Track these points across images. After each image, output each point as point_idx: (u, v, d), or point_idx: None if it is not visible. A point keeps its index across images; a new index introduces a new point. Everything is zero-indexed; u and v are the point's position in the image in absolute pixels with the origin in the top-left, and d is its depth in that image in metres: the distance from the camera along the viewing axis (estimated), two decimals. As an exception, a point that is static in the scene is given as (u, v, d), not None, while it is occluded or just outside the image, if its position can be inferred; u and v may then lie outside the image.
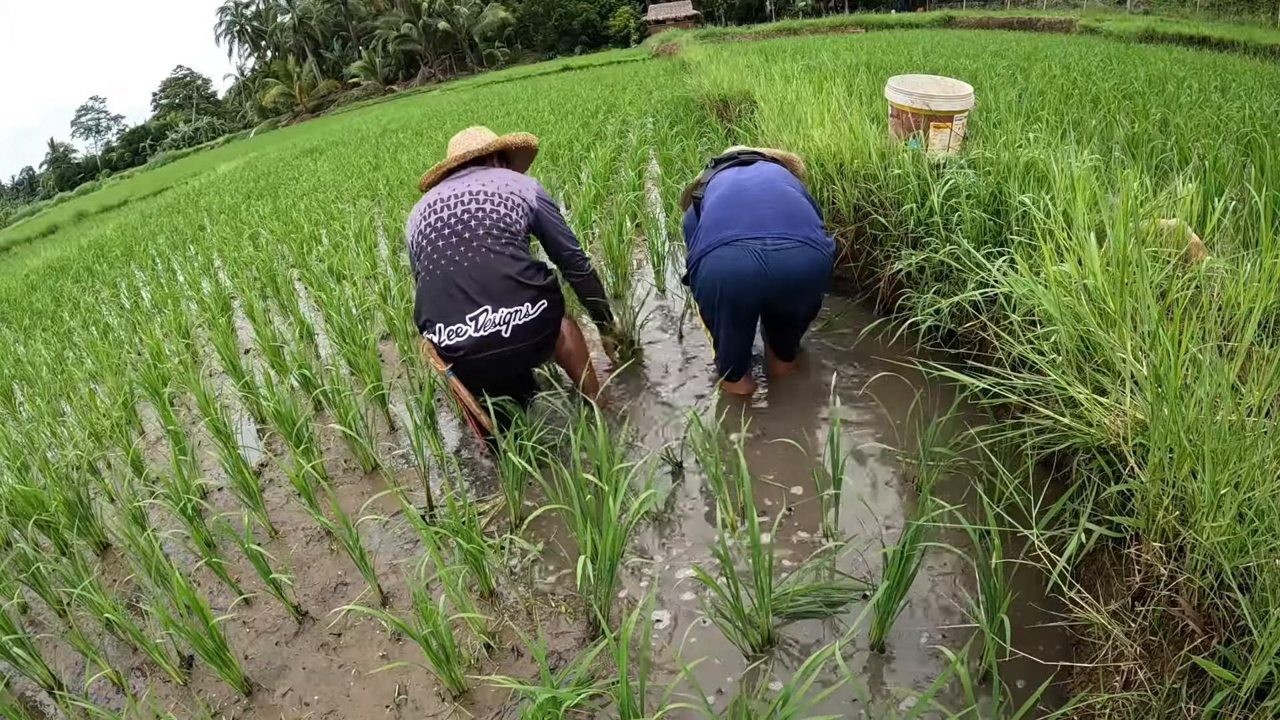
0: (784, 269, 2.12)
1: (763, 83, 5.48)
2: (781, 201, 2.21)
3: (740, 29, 27.79)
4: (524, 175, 2.40)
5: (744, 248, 2.12)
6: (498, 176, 2.30)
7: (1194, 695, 1.01)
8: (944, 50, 10.22)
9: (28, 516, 2.23)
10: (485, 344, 2.08)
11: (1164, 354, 1.25)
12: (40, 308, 6.40)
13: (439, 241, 2.18)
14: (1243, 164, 2.45)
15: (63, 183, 62.80)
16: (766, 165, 2.45)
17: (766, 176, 2.33)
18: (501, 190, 2.25)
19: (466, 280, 2.11)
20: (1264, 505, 1.01)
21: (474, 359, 2.09)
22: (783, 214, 2.17)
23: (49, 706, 1.78)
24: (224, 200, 10.35)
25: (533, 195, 2.29)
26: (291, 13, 56.45)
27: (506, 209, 2.21)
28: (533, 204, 2.28)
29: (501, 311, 2.08)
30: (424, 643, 1.44)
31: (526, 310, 2.11)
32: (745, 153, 2.56)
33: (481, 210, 2.19)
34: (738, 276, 2.15)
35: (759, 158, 2.54)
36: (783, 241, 2.11)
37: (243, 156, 22.87)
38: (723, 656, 1.51)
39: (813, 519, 1.87)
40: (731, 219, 2.19)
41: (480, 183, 2.26)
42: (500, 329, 2.08)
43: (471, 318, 2.08)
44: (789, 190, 2.28)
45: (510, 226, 2.19)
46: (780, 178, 2.35)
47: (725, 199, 2.27)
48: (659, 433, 2.39)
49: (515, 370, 2.22)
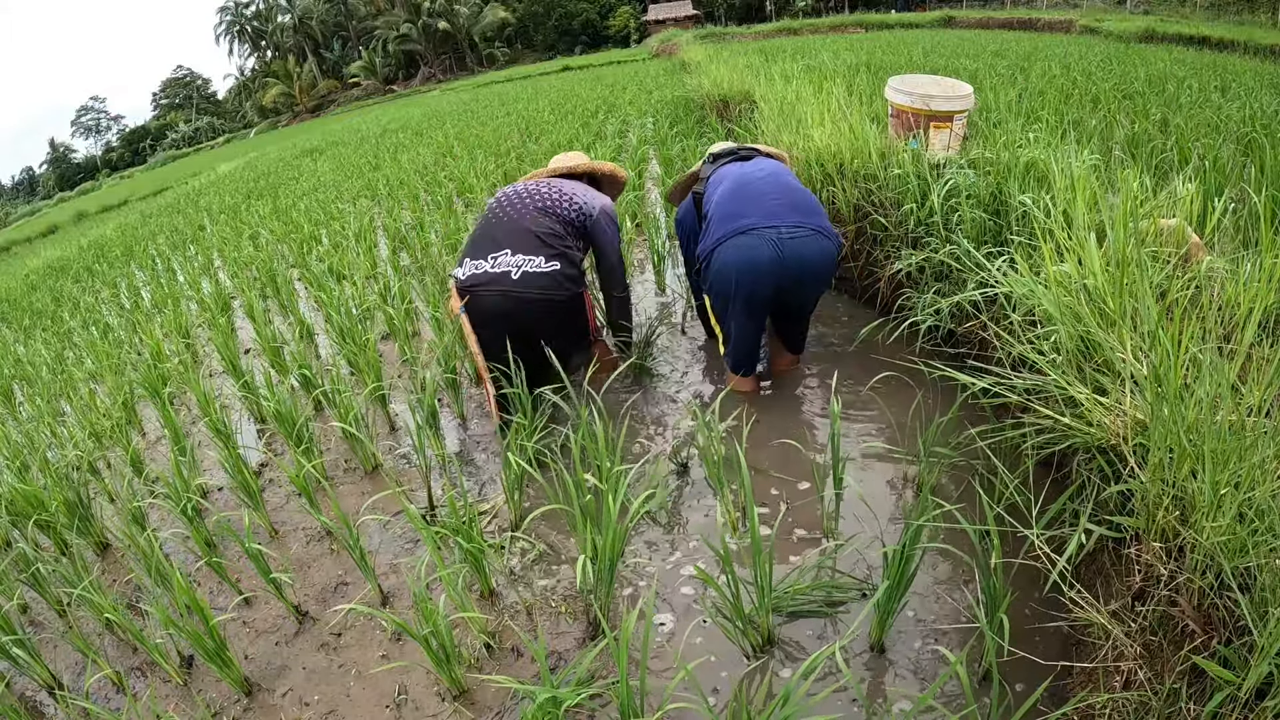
0: (800, 256, 2.15)
1: (763, 83, 5.48)
2: (791, 193, 2.26)
3: (740, 29, 27.78)
4: (600, 194, 2.62)
5: (761, 236, 2.15)
6: (576, 185, 2.56)
7: (1194, 695, 1.01)
8: (944, 50, 10.23)
9: (28, 516, 2.23)
10: (495, 280, 2.28)
11: (1164, 354, 1.25)
12: (40, 308, 6.40)
13: (496, 208, 2.49)
14: (1243, 164, 2.45)
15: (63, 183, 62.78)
16: (766, 160, 2.51)
17: (770, 170, 2.39)
18: (571, 193, 2.50)
19: (501, 232, 2.38)
20: (1264, 505, 1.01)
21: (483, 294, 2.29)
22: (794, 204, 2.21)
23: (49, 706, 1.78)
24: (224, 200, 10.35)
25: (596, 207, 2.51)
26: (291, 13, 56.44)
27: (566, 205, 2.46)
28: (592, 212, 2.49)
29: (518, 257, 2.30)
30: (424, 642, 1.44)
31: (540, 262, 2.29)
32: (743, 148, 2.61)
33: (543, 195, 2.47)
34: (754, 264, 2.16)
35: (756, 153, 2.60)
36: (798, 230, 2.15)
37: (243, 156, 22.88)
38: (723, 656, 1.51)
39: (813, 519, 1.87)
40: (745, 210, 2.22)
41: (557, 184, 2.54)
42: (511, 270, 2.28)
43: (492, 257, 2.32)
44: (795, 183, 2.35)
45: (561, 215, 2.43)
46: (783, 171, 2.42)
47: (734, 192, 2.30)
48: (660, 432, 2.39)
49: (522, 321, 2.29)
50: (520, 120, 10.54)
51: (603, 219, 2.51)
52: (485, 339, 2.33)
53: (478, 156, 7.23)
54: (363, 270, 4.35)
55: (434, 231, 4.95)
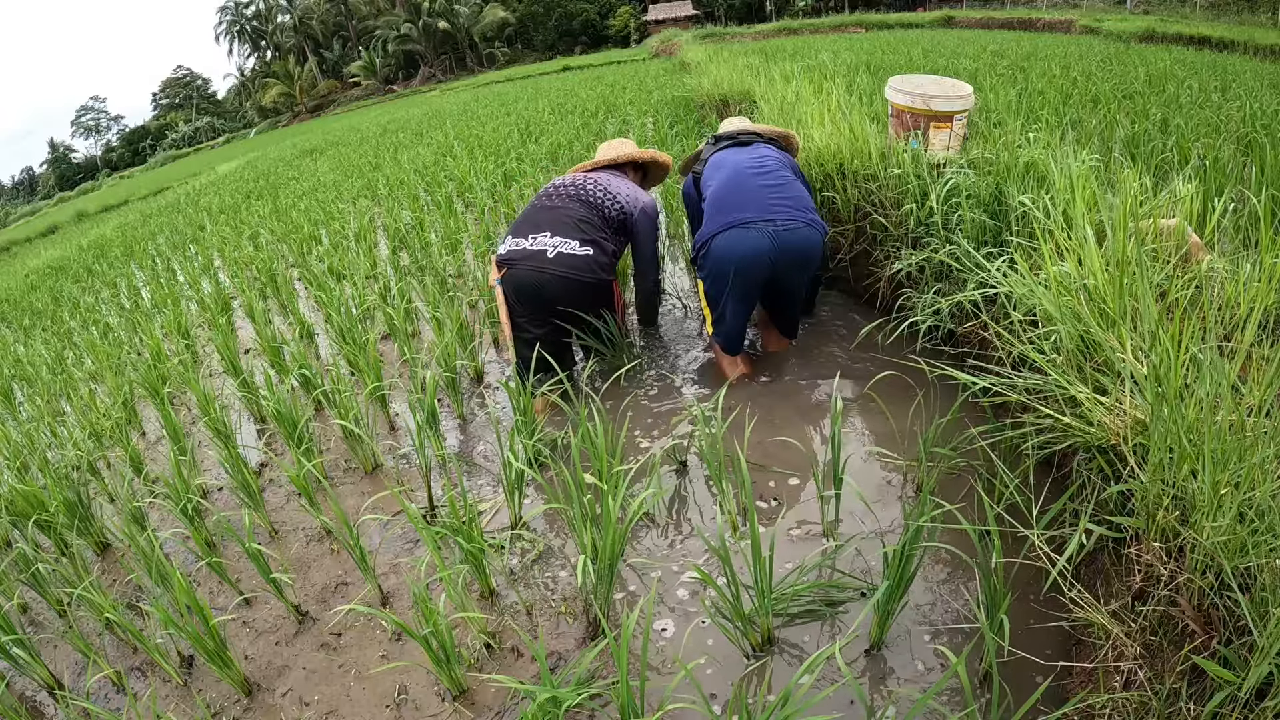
0: (793, 246, 2.36)
1: (763, 82, 5.48)
2: (784, 188, 2.44)
3: (740, 29, 27.76)
4: (646, 191, 2.79)
5: (758, 229, 2.35)
6: (622, 183, 2.68)
7: (1194, 695, 1.01)
8: (944, 50, 10.22)
9: (28, 516, 2.23)
10: (531, 256, 2.45)
11: (1164, 354, 1.25)
12: (40, 308, 6.40)
13: (543, 196, 2.65)
14: (1243, 164, 2.45)
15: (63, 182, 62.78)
16: (764, 148, 2.63)
17: (766, 164, 2.52)
18: (615, 191, 2.62)
19: (544, 217, 2.55)
20: (1264, 505, 1.01)
21: (519, 268, 2.46)
22: (788, 199, 2.40)
23: (49, 706, 1.78)
24: (224, 200, 10.35)
25: (638, 206, 2.64)
26: (291, 13, 56.41)
27: (609, 202, 2.58)
28: (633, 211, 2.62)
29: (556, 239, 2.47)
30: (424, 643, 1.44)
31: (575, 246, 2.46)
32: (744, 133, 2.72)
33: (586, 191, 2.60)
34: (751, 254, 2.36)
35: (757, 138, 2.71)
36: (791, 222, 2.35)
37: (243, 156, 22.87)
38: (723, 656, 1.51)
39: (813, 519, 1.87)
40: (742, 203, 2.40)
41: (604, 181, 2.65)
42: (547, 249, 2.45)
43: (532, 237, 2.50)
44: (788, 177, 2.49)
45: (604, 211, 2.56)
46: (778, 164, 2.54)
47: (730, 184, 2.49)
48: (660, 431, 2.40)
49: (554, 296, 2.46)
50: (520, 120, 10.54)
51: (643, 218, 2.65)
52: (517, 313, 2.52)
53: (478, 156, 7.23)
54: (363, 270, 4.35)
55: (434, 231, 4.94)
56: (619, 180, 2.71)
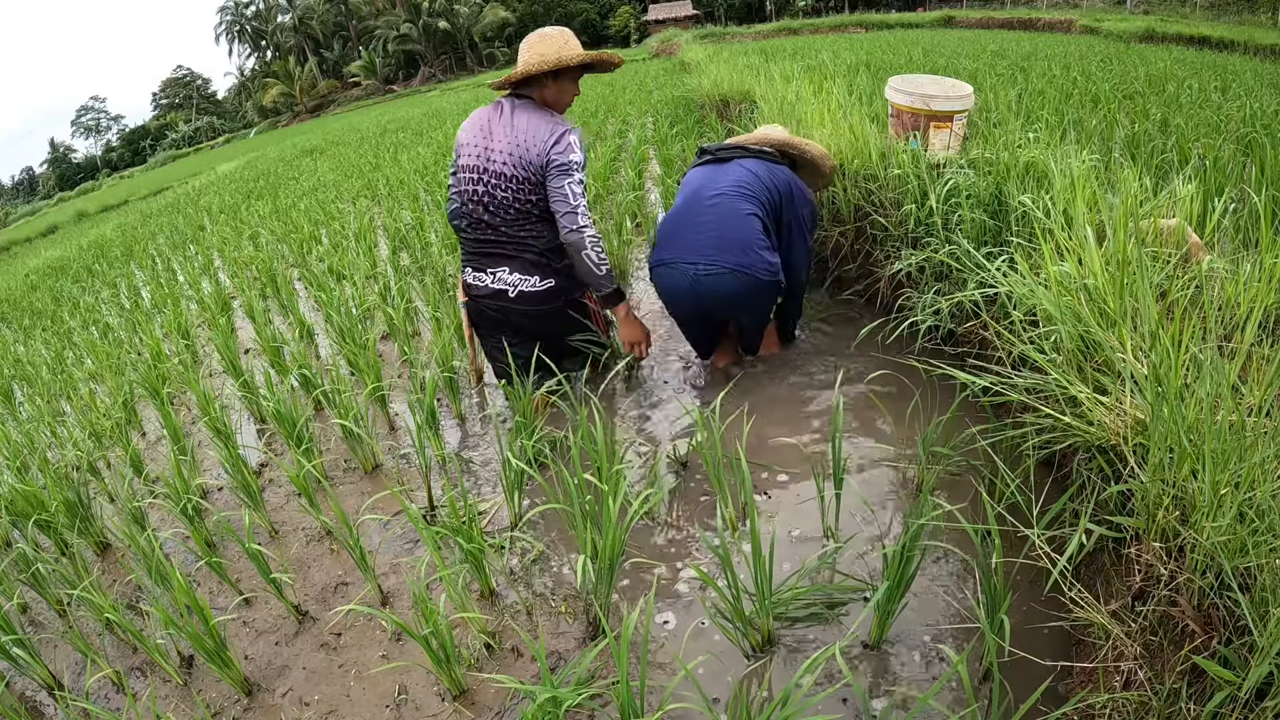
0: (714, 293, 2.30)
1: (763, 82, 5.48)
2: (724, 224, 2.29)
3: (740, 29, 27.78)
4: (555, 123, 2.23)
5: (678, 270, 2.32)
6: (524, 136, 2.22)
7: (1194, 695, 1.01)
8: (944, 50, 10.22)
9: (28, 516, 2.23)
10: (496, 295, 2.37)
11: (1164, 354, 1.25)
12: (40, 308, 6.40)
13: (472, 200, 2.33)
14: (1243, 164, 2.45)
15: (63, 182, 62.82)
16: (737, 169, 2.41)
17: (724, 191, 2.35)
18: (521, 163, 2.22)
19: (492, 245, 2.35)
20: (1264, 505, 1.01)
21: (484, 304, 2.41)
22: (719, 239, 2.28)
23: (49, 706, 1.78)
24: (224, 200, 10.35)
25: (545, 155, 2.19)
26: (292, 13, 56.42)
27: (525, 193, 2.26)
28: (541, 164, 2.21)
29: (515, 276, 2.34)
30: (424, 643, 1.44)
31: (535, 282, 2.34)
32: (725, 149, 2.53)
33: (505, 198, 2.28)
34: (674, 294, 2.40)
35: (740, 154, 2.48)
36: (713, 268, 2.26)
37: (243, 156, 22.87)
38: (723, 656, 1.51)
39: (813, 519, 1.87)
40: (673, 238, 2.37)
41: (507, 150, 2.23)
42: (508, 289, 2.34)
43: (491, 271, 2.36)
44: (739, 209, 2.30)
45: (528, 210, 2.30)
46: (739, 192, 2.33)
47: (675, 214, 2.45)
48: (660, 431, 2.40)
49: (524, 326, 2.41)
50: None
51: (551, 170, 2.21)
52: (488, 329, 2.49)
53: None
54: (363, 270, 4.35)
55: (434, 231, 4.94)
56: (521, 130, 2.22)
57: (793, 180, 2.46)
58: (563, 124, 2.23)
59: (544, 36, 2.28)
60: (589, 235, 2.21)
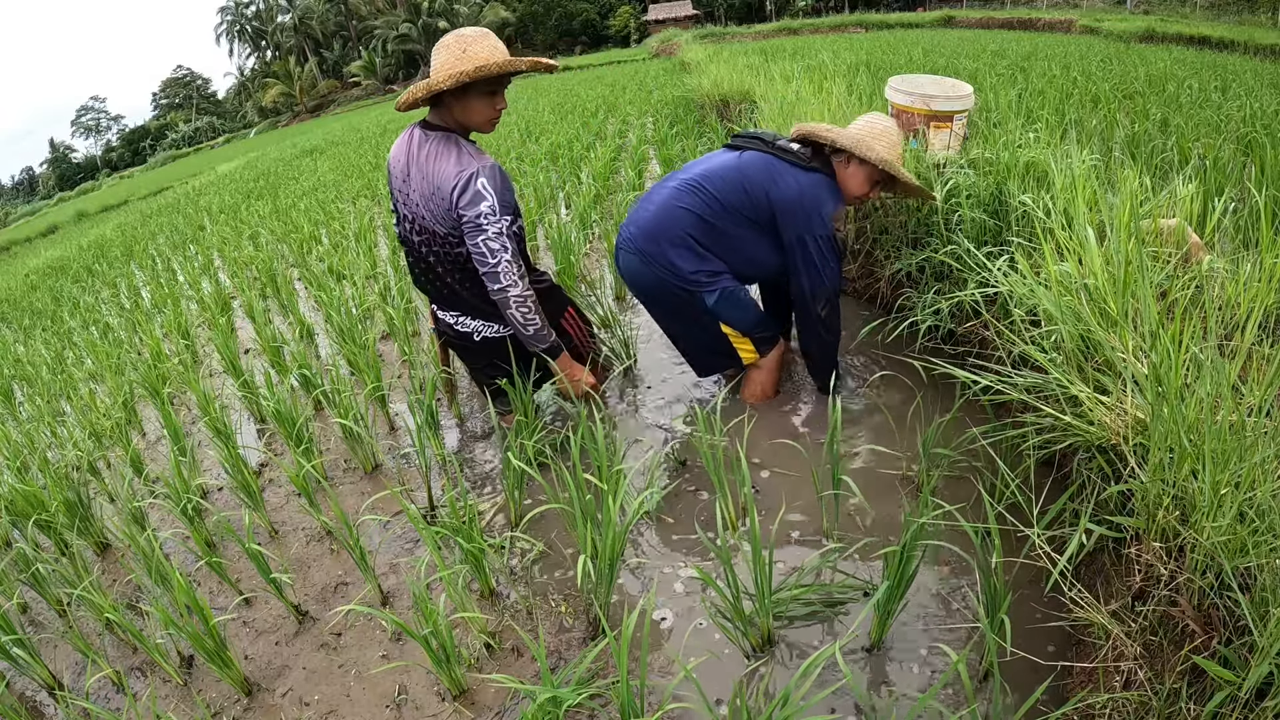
0: (628, 274, 2.25)
1: (763, 82, 5.48)
2: (659, 209, 2.15)
3: (740, 29, 27.78)
4: (461, 164, 1.91)
5: (619, 241, 2.27)
6: (431, 183, 1.94)
7: (1194, 695, 1.01)
8: (944, 50, 10.22)
9: (28, 516, 2.23)
10: (462, 337, 2.23)
11: (1164, 354, 1.25)
12: (40, 308, 6.40)
13: (413, 249, 2.09)
14: (1243, 164, 2.45)
15: (63, 182, 62.86)
16: (729, 162, 2.18)
17: (685, 179, 2.18)
18: (437, 216, 1.96)
19: (442, 294, 2.15)
20: (1264, 505, 1.01)
21: (452, 341, 2.29)
22: (648, 222, 2.16)
23: (49, 706, 1.78)
24: (224, 200, 10.35)
25: (454, 210, 1.92)
26: (292, 13, 56.43)
27: (453, 245, 2.01)
28: (455, 218, 1.94)
29: (477, 322, 2.18)
30: (424, 642, 1.44)
31: (499, 329, 2.18)
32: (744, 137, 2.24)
33: (440, 251, 2.04)
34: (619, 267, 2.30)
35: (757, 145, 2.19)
36: (629, 245, 2.20)
37: (243, 156, 22.87)
38: (723, 656, 1.51)
39: (813, 518, 1.87)
40: (633, 211, 2.28)
41: (422, 201, 1.98)
42: (471, 334, 2.21)
43: (452, 312, 2.20)
44: (677, 201, 2.14)
45: (465, 262, 2.05)
46: (695, 185, 2.15)
47: (651, 189, 2.30)
48: (660, 431, 2.39)
49: (496, 358, 2.23)
50: (520, 120, 10.53)
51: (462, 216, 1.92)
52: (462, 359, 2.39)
53: (478, 156, 7.21)
54: (363, 270, 4.35)
55: (434, 231, 4.93)
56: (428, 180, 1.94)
57: (805, 194, 2.08)
58: (470, 163, 1.90)
59: (441, 46, 1.90)
60: (513, 295, 1.97)
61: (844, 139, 2.09)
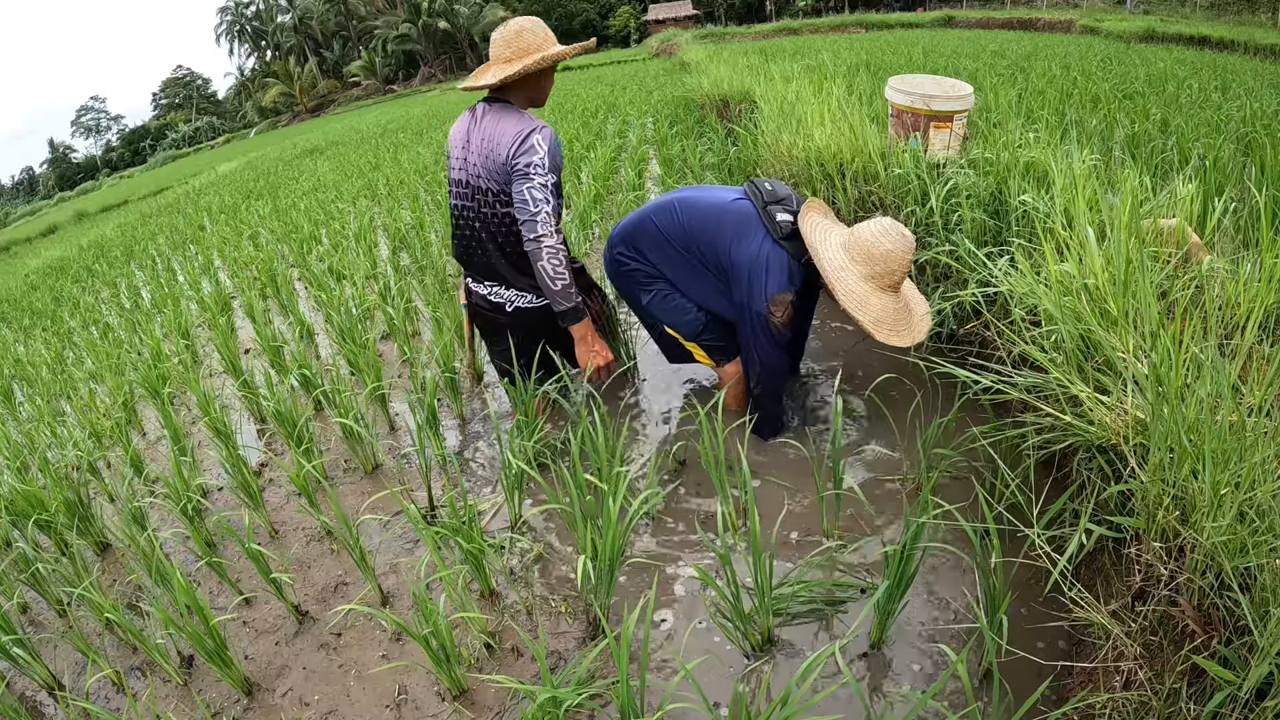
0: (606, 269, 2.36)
1: (763, 82, 5.48)
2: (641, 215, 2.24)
3: (740, 29, 27.78)
4: (523, 123, 2.06)
5: None
6: (492, 143, 2.08)
7: (1194, 695, 1.01)
8: (944, 50, 10.22)
9: (28, 516, 2.23)
10: (494, 308, 2.30)
11: (1164, 354, 1.25)
12: (40, 308, 6.40)
13: (462, 216, 2.22)
14: (1243, 164, 2.45)
15: (63, 182, 62.85)
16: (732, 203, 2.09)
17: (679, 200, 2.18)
18: (492, 173, 2.09)
19: (481, 262, 2.26)
20: (1264, 505, 1.01)
21: (482, 314, 2.35)
22: (626, 224, 2.27)
23: (49, 706, 1.78)
24: (224, 200, 10.35)
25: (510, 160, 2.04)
26: (292, 13, 56.46)
27: (504, 204, 2.12)
28: (508, 170, 2.06)
29: (511, 292, 2.26)
30: (424, 642, 1.44)
31: (531, 299, 2.26)
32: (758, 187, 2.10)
33: (488, 213, 2.16)
34: None
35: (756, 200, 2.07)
36: (608, 243, 2.33)
37: (243, 156, 22.88)
38: (723, 656, 1.51)
39: (813, 518, 1.87)
40: None
41: (480, 161, 2.11)
42: (504, 304, 2.28)
43: (487, 283, 2.28)
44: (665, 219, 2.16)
45: (507, 225, 2.16)
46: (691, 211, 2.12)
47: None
48: (660, 431, 2.39)
49: (528, 334, 2.31)
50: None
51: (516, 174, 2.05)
52: (487, 338, 2.43)
53: (478, 156, 7.21)
54: (363, 270, 4.35)
55: (434, 231, 4.94)
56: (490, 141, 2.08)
57: (756, 263, 1.97)
58: (531, 123, 2.05)
59: (519, 33, 2.05)
60: (546, 246, 2.03)
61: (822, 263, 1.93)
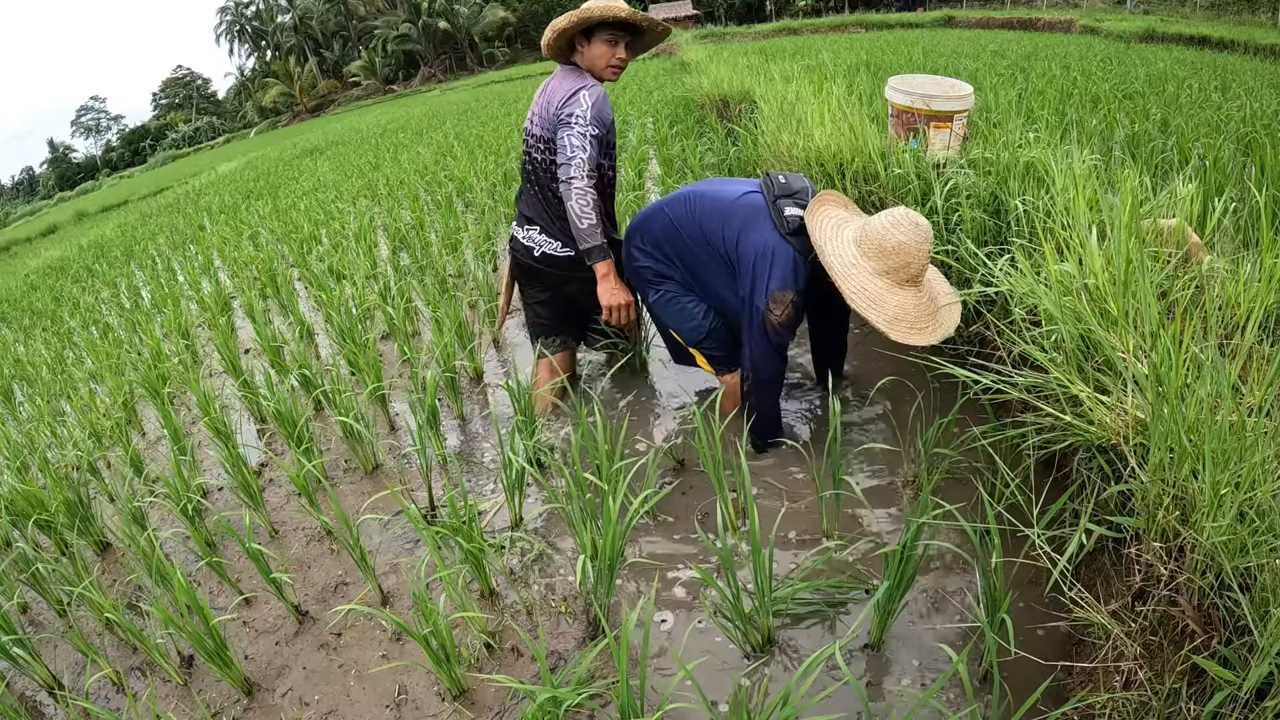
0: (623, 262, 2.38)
1: (763, 82, 5.48)
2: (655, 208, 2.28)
3: (740, 29, 27.80)
4: (577, 81, 2.24)
5: None
6: (550, 96, 2.29)
7: (1194, 695, 1.01)
8: (944, 50, 10.22)
9: (28, 516, 2.23)
10: (524, 251, 2.46)
11: (1164, 353, 1.25)
12: (40, 308, 6.40)
13: (524, 162, 2.45)
14: (1243, 164, 2.45)
15: (63, 182, 62.88)
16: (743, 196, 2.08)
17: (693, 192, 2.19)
18: (545, 122, 2.30)
19: (531, 203, 2.44)
20: (1264, 505, 1.01)
21: (516, 257, 2.51)
22: (640, 218, 2.33)
23: (49, 706, 1.78)
24: (224, 200, 10.35)
25: (559, 111, 2.22)
26: (292, 13, 56.46)
27: (550, 153, 2.32)
28: (556, 120, 2.23)
29: (543, 236, 2.42)
30: (424, 642, 1.44)
31: (558, 247, 2.39)
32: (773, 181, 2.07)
33: (539, 158, 2.36)
34: None
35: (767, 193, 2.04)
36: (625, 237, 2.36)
37: (243, 156, 22.88)
38: (723, 656, 1.51)
39: (813, 518, 1.87)
40: None
41: (539, 111, 2.33)
42: (533, 248, 2.43)
43: (526, 227, 2.45)
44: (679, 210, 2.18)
45: (553, 169, 2.34)
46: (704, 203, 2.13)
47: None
48: (660, 431, 2.39)
49: (552, 286, 2.47)
50: (521, 120, 10.52)
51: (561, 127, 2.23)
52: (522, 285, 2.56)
53: (478, 156, 7.24)
54: (363, 270, 4.35)
55: (434, 231, 4.95)
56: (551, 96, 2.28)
57: (760, 255, 1.92)
58: (585, 81, 2.25)
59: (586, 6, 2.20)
60: (576, 187, 2.19)
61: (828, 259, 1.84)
